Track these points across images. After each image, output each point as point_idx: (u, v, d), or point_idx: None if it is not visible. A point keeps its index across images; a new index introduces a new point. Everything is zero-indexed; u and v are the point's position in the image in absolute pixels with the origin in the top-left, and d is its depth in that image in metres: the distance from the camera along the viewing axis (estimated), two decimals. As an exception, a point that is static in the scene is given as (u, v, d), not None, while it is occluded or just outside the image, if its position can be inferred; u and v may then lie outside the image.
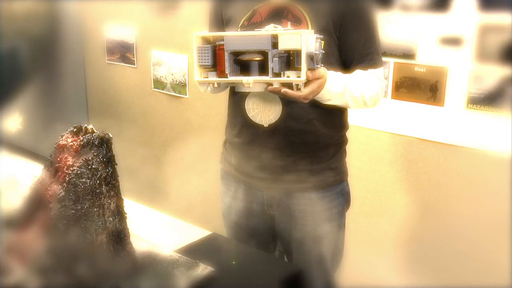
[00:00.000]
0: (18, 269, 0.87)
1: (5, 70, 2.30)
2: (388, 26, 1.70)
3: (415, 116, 1.74)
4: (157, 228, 1.22)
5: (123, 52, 2.59)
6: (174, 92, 2.43)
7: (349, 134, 1.38)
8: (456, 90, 1.63)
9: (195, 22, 2.18)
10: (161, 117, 2.53)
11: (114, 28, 2.60)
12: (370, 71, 1.25)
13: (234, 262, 1.07)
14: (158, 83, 2.48)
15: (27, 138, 1.68)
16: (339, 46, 1.24)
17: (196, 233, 1.19)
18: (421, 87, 1.69)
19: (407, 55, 1.70)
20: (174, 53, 2.37)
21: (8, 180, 1.12)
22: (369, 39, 1.25)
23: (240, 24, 1.26)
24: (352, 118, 1.40)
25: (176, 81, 2.40)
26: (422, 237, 1.79)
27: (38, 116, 2.37)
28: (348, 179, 1.40)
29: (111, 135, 0.93)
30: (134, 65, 2.56)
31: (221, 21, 1.32)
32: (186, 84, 2.37)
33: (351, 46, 1.24)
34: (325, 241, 1.34)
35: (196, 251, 1.07)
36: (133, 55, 2.55)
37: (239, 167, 1.36)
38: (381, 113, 1.79)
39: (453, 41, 1.61)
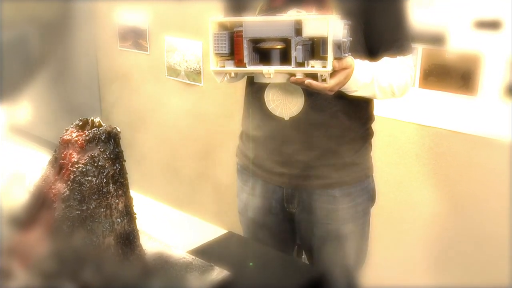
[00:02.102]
0: (20, 274, 0.83)
1: (14, 57, 2.27)
2: (417, 9, 1.61)
3: (444, 106, 1.66)
4: (169, 225, 1.18)
5: (135, 39, 2.57)
6: (188, 80, 2.40)
7: (373, 125, 1.32)
8: (491, 79, 1.55)
9: (210, 7, 2.11)
10: (174, 105, 2.51)
11: (126, 14, 2.57)
12: (399, 59, 1.18)
13: (251, 264, 1.02)
14: (172, 71, 2.45)
15: (37, 128, 1.64)
16: (365, 32, 1.17)
17: (211, 231, 1.15)
18: (452, 75, 1.62)
19: (437, 40, 1.62)
20: (188, 39, 2.33)
21: (15, 174, 1.08)
22: (398, 23, 1.17)
23: (258, 8, 1.19)
24: (376, 108, 1.34)
25: (191, 68, 2.37)
26: (451, 236, 1.73)
27: (49, 105, 2.35)
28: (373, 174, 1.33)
29: (119, 129, 0.88)
30: (147, 51, 2.55)
31: (237, 4, 1.25)
32: (200, 71, 2.34)
33: (378, 31, 1.16)
34: (348, 241, 1.29)
35: (211, 252, 1.03)
36: (146, 41, 2.53)
37: (257, 162, 1.30)
38: (408, 103, 1.72)
39: (489, 25, 1.52)
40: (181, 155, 2.52)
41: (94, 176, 0.83)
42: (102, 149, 0.84)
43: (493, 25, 1.51)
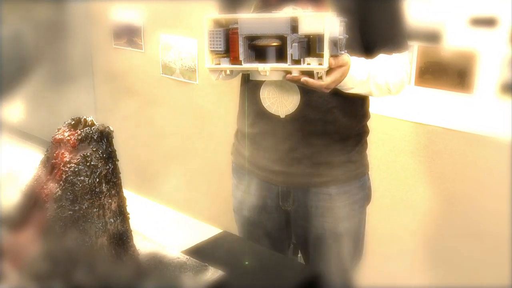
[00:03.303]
0: (11, 275, 0.82)
1: (8, 56, 2.25)
2: (413, 6, 1.60)
3: (440, 104, 1.65)
4: (163, 225, 1.17)
5: (130, 36, 2.55)
6: (184, 77, 2.39)
7: (369, 123, 1.32)
8: (487, 76, 1.54)
9: (205, 4, 2.10)
10: (169, 103, 2.50)
11: (121, 12, 2.56)
12: (395, 56, 1.18)
13: (246, 263, 1.01)
14: (167, 69, 2.44)
15: (31, 127, 1.63)
16: (361, 29, 1.16)
17: (205, 230, 1.14)
18: (448, 73, 1.60)
19: (433, 37, 1.60)
20: (184, 37, 2.32)
21: (7, 174, 1.06)
22: (394, 20, 1.17)
23: (253, 6, 1.17)
24: (371, 106, 1.33)
25: (186, 66, 2.36)
26: (446, 234, 1.72)
27: (43, 103, 2.33)
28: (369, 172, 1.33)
29: (112, 128, 0.86)
30: (142, 49, 2.53)
31: (232, 1, 1.23)
32: (196, 69, 2.33)
33: (374, 28, 1.16)
34: (344, 239, 1.28)
35: (205, 252, 1.02)
36: (141, 39, 2.51)
37: (252, 160, 1.29)
38: (403, 101, 1.71)
39: (486, 22, 1.50)
40: (175, 153, 2.51)
41: (86, 176, 0.82)
42: (94, 149, 0.83)
43: (489, 22, 1.50)
